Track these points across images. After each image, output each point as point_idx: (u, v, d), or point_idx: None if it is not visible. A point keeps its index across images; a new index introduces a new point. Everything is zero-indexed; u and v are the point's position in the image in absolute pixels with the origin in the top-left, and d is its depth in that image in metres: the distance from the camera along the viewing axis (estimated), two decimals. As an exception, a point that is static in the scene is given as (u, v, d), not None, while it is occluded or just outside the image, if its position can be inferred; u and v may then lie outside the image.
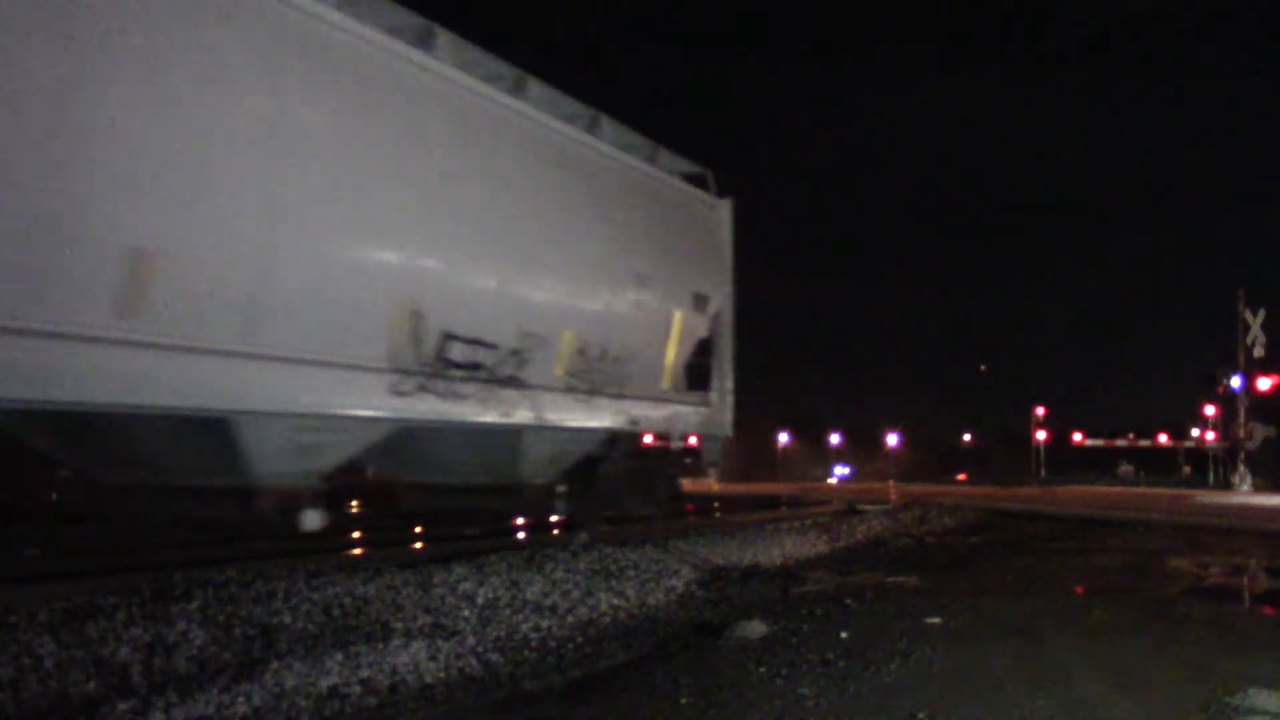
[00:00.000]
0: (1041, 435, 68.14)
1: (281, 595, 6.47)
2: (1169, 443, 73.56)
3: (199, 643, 5.49)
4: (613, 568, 8.71)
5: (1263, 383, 35.98)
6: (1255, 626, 7.22)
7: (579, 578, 8.07)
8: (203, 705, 4.55)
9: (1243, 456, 36.62)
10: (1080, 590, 8.73)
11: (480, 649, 5.85)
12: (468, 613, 6.72)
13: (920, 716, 4.45)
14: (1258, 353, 35.93)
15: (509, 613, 6.83)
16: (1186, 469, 67.52)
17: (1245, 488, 34.81)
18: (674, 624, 6.92)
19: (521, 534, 12.58)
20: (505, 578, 7.65)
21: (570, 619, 6.86)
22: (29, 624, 5.45)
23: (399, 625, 6.22)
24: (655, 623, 6.98)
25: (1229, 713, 4.58)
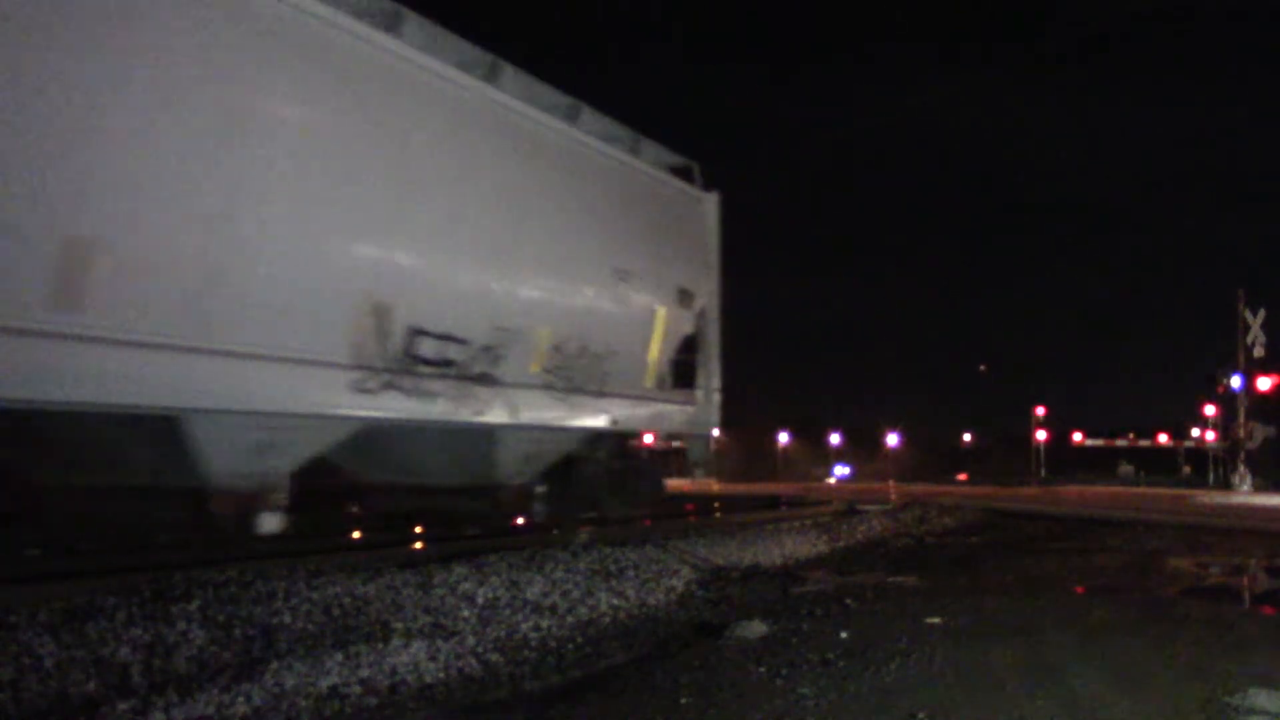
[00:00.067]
0: (1041, 435, 68.22)
1: (281, 595, 6.46)
2: (1169, 443, 73.62)
3: (199, 643, 5.49)
4: (613, 568, 8.70)
5: (1263, 383, 36.00)
6: (1255, 626, 7.21)
7: (579, 578, 8.07)
8: (203, 705, 4.55)
9: (1243, 456, 36.63)
10: (1080, 590, 8.72)
11: (480, 649, 5.85)
12: (468, 613, 6.72)
13: (920, 716, 4.45)
14: (1258, 353, 35.97)
15: (509, 613, 6.83)
16: (1186, 469, 67.52)
17: (1245, 488, 34.81)
18: (674, 624, 6.92)
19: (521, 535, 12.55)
20: (505, 578, 7.64)
21: (570, 619, 6.86)
22: (29, 624, 5.44)
23: (399, 625, 6.21)
24: (655, 623, 6.98)
25: (1229, 713, 4.57)
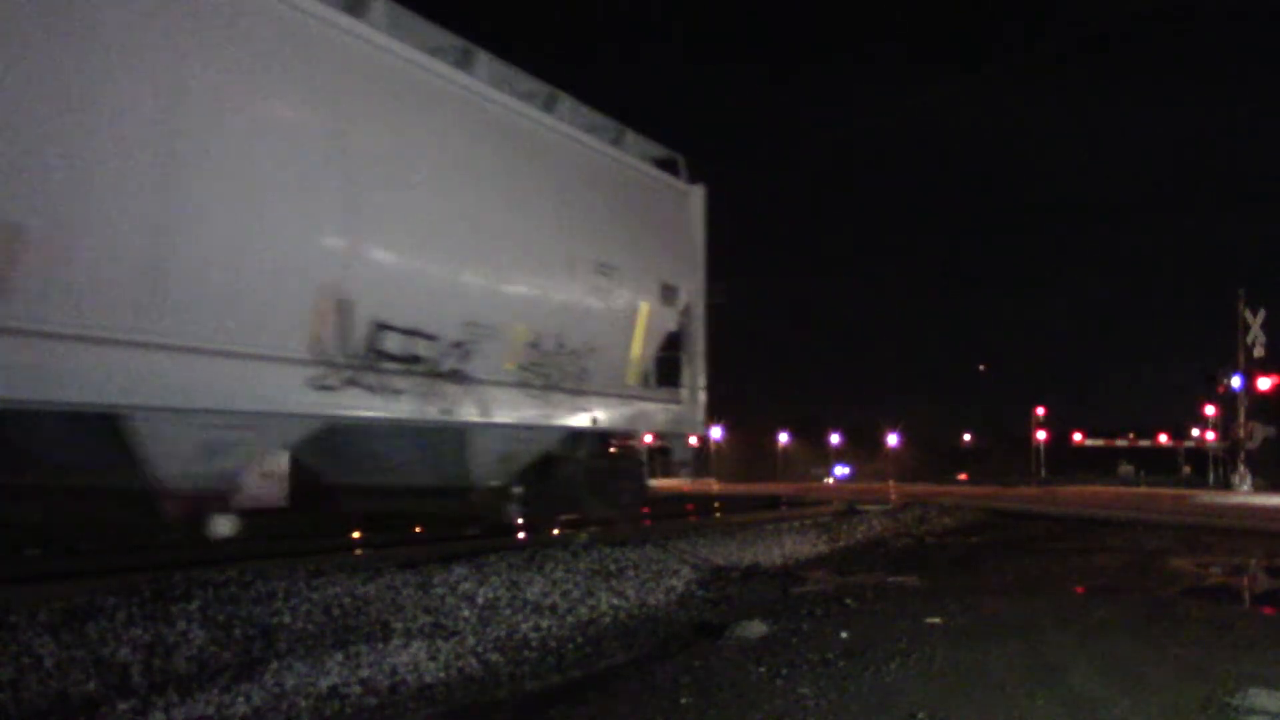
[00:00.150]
0: (1041, 435, 68.36)
1: (281, 595, 6.46)
2: (1169, 443, 73.74)
3: (199, 643, 5.49)
4: (613, 568, 8.71)
5: (1263, 383, 36.02)
6: (1255, 626, 7.21)
7: (579, 578, 8.07)
8: (203, 705, 4.55)
9: (1243, 456, 36.65)
10: (1080, 590, 8.72)
11: (480, 649, 5.85)
12: (468, 613, 6.72)
13: (920, 716, 4.45)
14: (1258, 353, 35.99)
15: (509, 613, 6.83)
16: (1186, 469, 67.62)
17: (1245, 488, 34.82)
18: (674, 624, 6.92)
19: (521, 534, 12.53)
20: (505, 578, 7.64)
21: (570, 619, 6.86)
22: (29, 624, 5.44)
23: (399, 625, 6.21)
24: (655, 623, 6.97)
25: (1229, 713, 4.58)
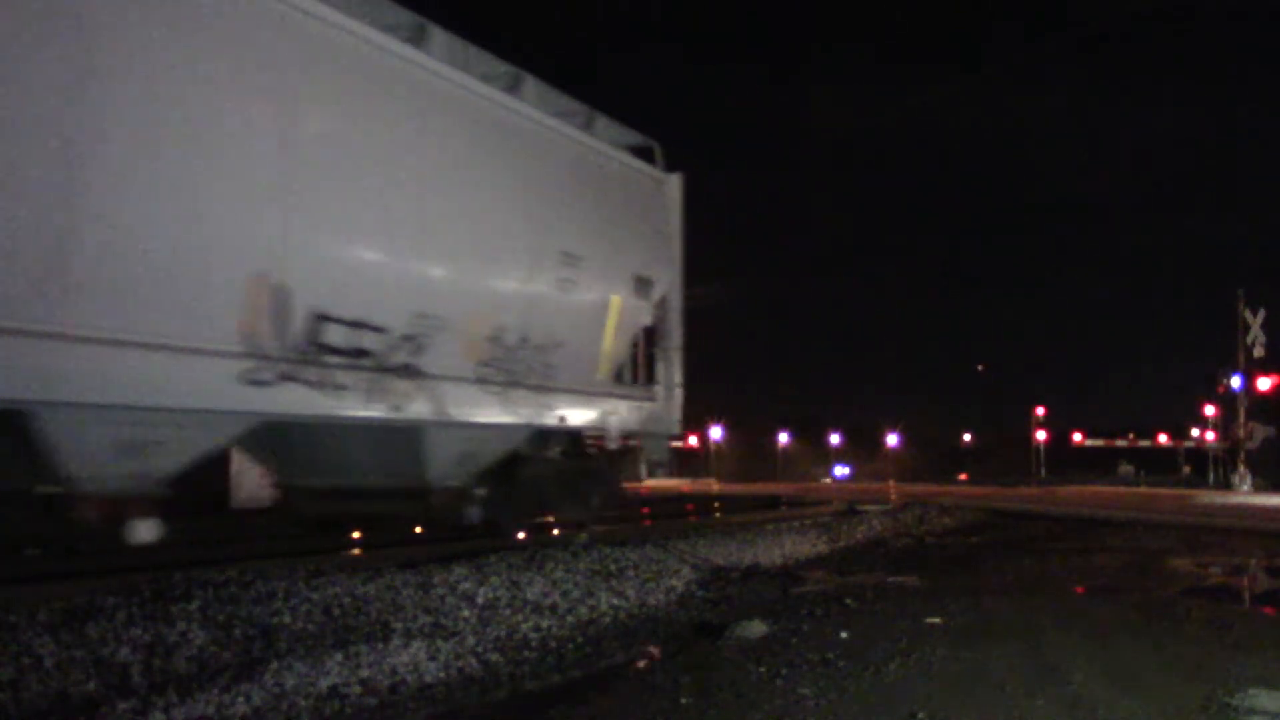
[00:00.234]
0: (1041, 435, 68.37)
1: (281, 595, 6.47)
2: (1169, 443, 73.86)
3: (199, 643, 5.50)
4: (613, 568, 8.71)
5: (1263, 383, 36.02)
6: (1255, 626, 7.21)
7: (579, 578, 8.07)
8: (203, 705, 4.55)
9: (1243, 456, 36.64)
10: (1080, 590, 8.72)
11: (480, 649, 5.85)
12: (468, 613, 6.72)
13: (920, 716, 4.45)
14: (1258, 353, 35.96)
15: (509, 613, 6.83)
16: (1186, 469, 67.66)
17: (1245, 488, 34.80)
18: (674, 624, 6.92)
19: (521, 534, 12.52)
20: (505, 578, 7.65)
21: (570, 619, 6.86)
22: (29, 624, 5.45)
23: (399, 625, 6.22)
24: (655, 623, 6.98)
25: (1229, 713, 4.58)
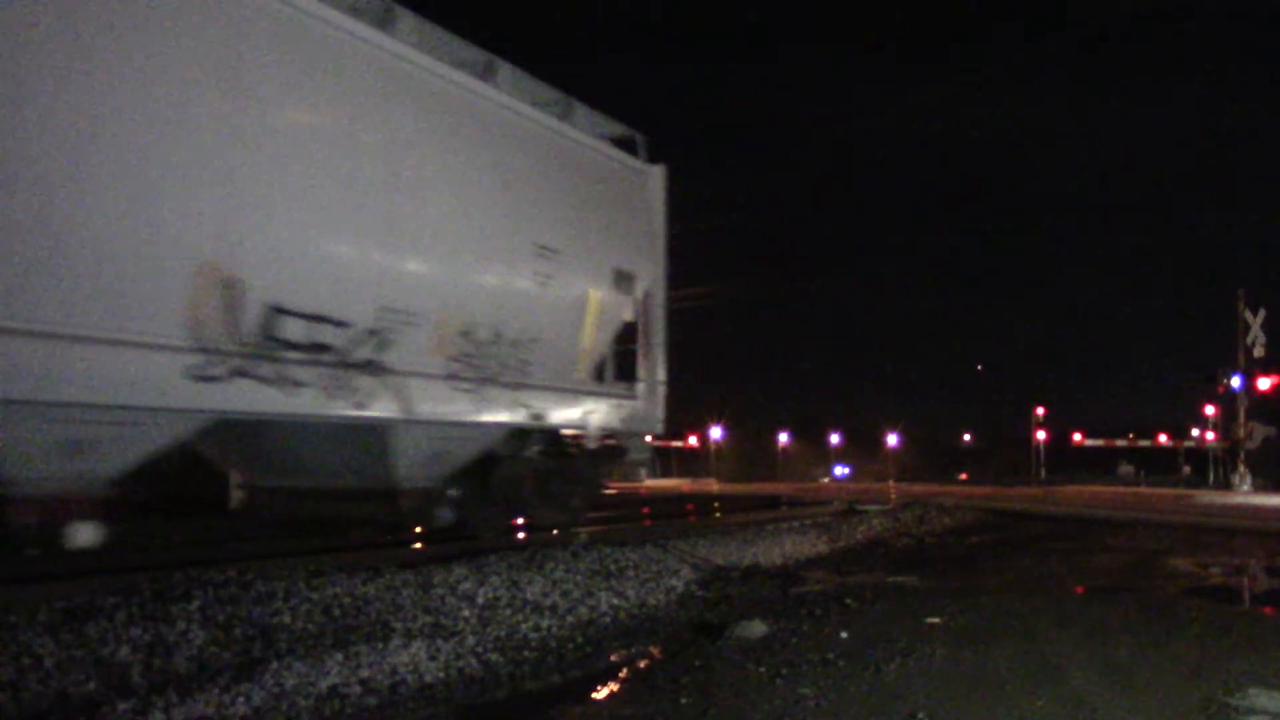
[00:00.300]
0: (1041, 435, 68.32)
1: (281, 595, 6.46)
2: (1169, 443, 73.85)
3: (199, 643, 5.49)
4: (613, 568, 8.71)
5: (1263, 383, 35.98)
6: (1255, 626, 7.22)
7: (579, 578, 8.07)
8: (203, 705, 4.55)
9: (1243, 456, 36.61)
10: (1080, 590, 8.72)
11: (480, 649, 5.85)
12: (468, 613, 6.72)
13: (920, 716, 4.46)
14: (1258, 353, 35.94)
15: (509, 613, 6.83)
16: (1186, 469, 67.66)
17: (1245, 488, 34.79)
18: (674, 624, 6.92)
19: (521, 534, 12.52)
20: (505, 578, 7.64)
21: (570, 619, 6.86)
22: (29, 624, 5.44)
23: (399, 625, 6.21)
24: (655, 623, 6.98)
25: (1229, 713, 4.58)
